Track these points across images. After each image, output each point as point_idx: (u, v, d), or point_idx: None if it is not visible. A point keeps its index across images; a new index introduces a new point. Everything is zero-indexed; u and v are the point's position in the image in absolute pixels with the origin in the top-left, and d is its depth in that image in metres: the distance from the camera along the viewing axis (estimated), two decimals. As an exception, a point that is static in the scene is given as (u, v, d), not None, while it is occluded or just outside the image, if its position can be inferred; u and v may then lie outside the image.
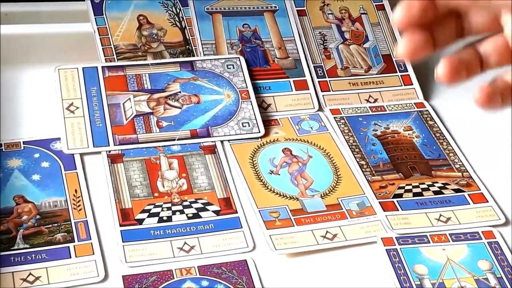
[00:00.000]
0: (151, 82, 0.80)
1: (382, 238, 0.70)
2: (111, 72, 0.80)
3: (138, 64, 0.81)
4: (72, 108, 0.77)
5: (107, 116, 0.77)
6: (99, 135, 0.76)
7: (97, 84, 0.79)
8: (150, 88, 0.80)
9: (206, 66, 0.82)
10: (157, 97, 0.79)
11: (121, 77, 0.80)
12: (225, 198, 0.73)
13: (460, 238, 0.71)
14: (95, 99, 0.78)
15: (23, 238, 0.68)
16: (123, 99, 0.79)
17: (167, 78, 0.81)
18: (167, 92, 0.80)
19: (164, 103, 0.79)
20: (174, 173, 0.75)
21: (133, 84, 0.80)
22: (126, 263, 0.66)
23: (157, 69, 0.81)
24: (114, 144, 0.76)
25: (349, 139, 0.80)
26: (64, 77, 0.79)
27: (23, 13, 0.87)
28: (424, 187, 0.75)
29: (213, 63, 0.82)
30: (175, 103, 0.79)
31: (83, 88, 0.79)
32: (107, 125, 0.77)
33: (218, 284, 0.66)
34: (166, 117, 0.78)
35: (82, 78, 0.79)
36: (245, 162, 0.76)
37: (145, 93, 0.79)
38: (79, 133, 0.76)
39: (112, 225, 0.69)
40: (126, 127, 0.77)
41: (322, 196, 0.74)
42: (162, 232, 0.69)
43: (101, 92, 0.79)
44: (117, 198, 0.71)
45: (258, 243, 0.69)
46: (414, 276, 0.67)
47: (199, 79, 0.81)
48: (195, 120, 0.78)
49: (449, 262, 0.69)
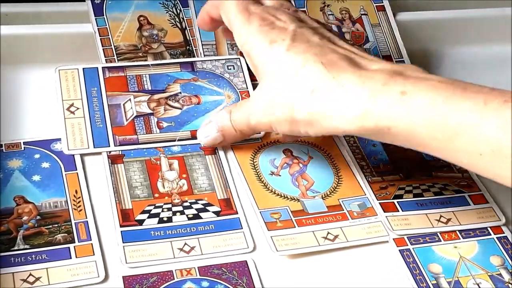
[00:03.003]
0: (151, 82, 0.80)
1: (394, 239, 0.70)
2: (111, 73, 0.80)
3: (139, 65, 0.81)
4: (72, 109, 0.77)
5: (107, 117, 0.77)
6: (100, 135, 0.76)
7: (98, 84, 0.79)
8: (151, 88, 0.80)
9: (207, 66, 0.82)
10: (157, 98, 0.79)
11: (122, 77, 0.80)
12: (226, 199, 0.73)
13: (470, 234, 0.71)
14: (95, 100, 0.78)
15: (23, 238, 0.68)
16: (124, 100, 0.78)
17: (167, 79, 0.81)
18: (168, 92, 0.80)
19: (165, 104, 0.79)
20: (175, 174, 0.75)
21: (133, 85, 0.79)
22: (127, 263, 0.66)
23: (157, 70, 0.81)
24: (115, 145, 0.75)
25: (349, 140, 0.80)
26: (64, 78, 0.79)
27: (23, 13, 0.87)
28: (424, 188, 0.75)
29: (213, 63, 0.82)
30: (176, 103, 0.79)
31: (84, 89, 0.78)
32: (107, 126, 0.76)
33: (219, 284, 0.66)
34: (166, 117, 0.78)
35: (82, 78, 0.79)
36: (246, 163, 0.76)
37: (146, 93, 0.79)
38: (80, 134, 0.76)
39: (112, 225, 0.69)
40: (126, 128, 0.77)
41: (323, 197, 0.74)
42: (162, 233, 0.69)
43: (102, 92, 0.78)
44: (117, 199, 0.71)
45: (259, 244, 0.69)
46: (430, 276, 0.67)
47: (200, 79, 0.81)
48: (196, 121, 0.78)
49: (462, 259, 0.69)
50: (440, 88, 0.61)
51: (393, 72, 0.64)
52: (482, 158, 0.59)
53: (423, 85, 0.62)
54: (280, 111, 0.69)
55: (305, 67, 0.67)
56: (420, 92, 0.62)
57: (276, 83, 0.69)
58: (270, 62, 0.69)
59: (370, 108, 0.63)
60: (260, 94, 0.71)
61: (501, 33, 0.93)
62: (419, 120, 0.61)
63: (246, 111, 0.73)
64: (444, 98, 0.60)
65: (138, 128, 0.77)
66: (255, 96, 0.72)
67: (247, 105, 0.73)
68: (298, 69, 0.67)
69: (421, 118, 0.61)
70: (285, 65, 0.68)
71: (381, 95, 0.63)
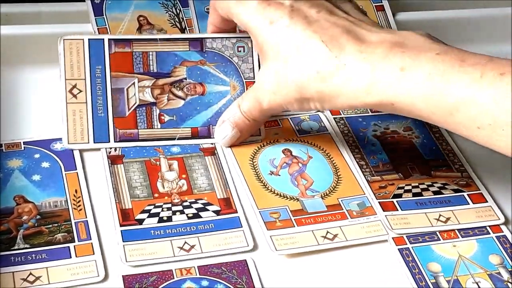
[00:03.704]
0: (157, 63, 0.78)
1: (393, 238, 0.70)
2: (117, 47, 0.78)
3: (146, 38, 0.79)
4: (75, 91, 0.76)
5: (109, 104, 0.76)
6: (100, 127, 0.76)
7: (102, 62, 0.77)
8: (156, 71, 0.78)
9: (216, 46, 0.79)
10: (162, 84, 0.78)
11: (128, 54, 0.78)
12: (225, 198, 0.73)
13: (469, 233, 0.71)
14: (99, 82, 0.77)
15: (23, 238, 0.68)
16: (127, 83, 0.77)
17: (174, 60, 0.79)
18: (173, 77, 0.78)
19: (169, 91, 0.78)
20: (174, 174, 0.75)
21: (139, 65, 0.78)
22: (127, 262, 0.66)
23: (165, 46, 0.79)
24: (115, 141, 0.75)
25: (348, 140, 0.80)
26: (69, 50, 0.77)
27: (23, 13, 0.87)
28: (423, 187, 0.75)
29: (223, 42, 0.79)
30: (180, 92, 0.78)
31: (88, 67, 0.77)
32: (108, 115, 0.76)
33: (218, 284, 0.66)
34: (168, 109, 0.77)
35: (87, 53, 0.77)
36: (245, 163, 0.76)
37: (151, 77, 0.78)
38: (81, 123, 0.75)
39: (112, 225, 0.69)
40: (127, 120, 0.76)
41: (323, 196, 0.74)
42: (162, 232, 0.69)
43: (106, 72, 0.77)
44: (117, 199, 0.72)
45: (259, 243, 0.69)
46: (429, 275, 0.67)
47: (207, 63, 0.79)
48: (198, 116, 0.78)
49: (461, 258, 0.69)
50: (438, 62, 0.63)
51: (393, 44, 0.66)
52: (480, 131, 0.62)
53: (421, 59, 0.64)
54: (288, 90, 0.70)
55: (307, 46, 0.68)
56: (419, 67, 0.64)
57: (281, 62, 0.70)
58: (272, 42, 0.70)
59: (373, 84, 0.66)
60: (266, 74, 0.72)
61: (501, 33, 0.93)
62: (418, 96, 0.64)
63: (255, 97, 0.73)
64: (442, 73, 0.62)
65: (139, 120, 0.77)
66: (261, 78, 0.73)
67: (255, 91, 0.74)
68: (300, 48, 0.69)
69: (420, 95, 0.64)
70: (287, 44, 0.69)
71: (382, 70, 0.65)
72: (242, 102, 0.75)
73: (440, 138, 0.81)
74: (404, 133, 0.81)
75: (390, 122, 0.82)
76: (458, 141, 0.81)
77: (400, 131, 0.81)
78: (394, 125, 0.82)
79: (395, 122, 0.82)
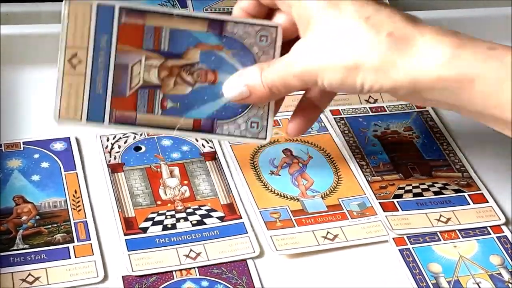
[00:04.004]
0: (170, 42, 0.68)
1: (394, 238, 0.70)
2: (128, 18, 0.67)
3: (161, 12, 0.68)
4: (74, 61, 0.67)
5: (110, 80, 0.68)
6: (96, 104, 0.68)
7: (109, 31, 0.67)
8: (167, 50, 0.68)
9: (237, 32, 0.69)
10: (170, 65, 0.69)
11: (139, 28, 0.68)
12: (229, 204, 0.72)
13: (470, 234, 0.71)
14: (102, 54, 0.68)
15: (22, 238, 0.68)
16: (134, 60, 0.68)
17: (189, 40, 0.69)
18: (185, 60, 0.69)
19: (177, 75, 0.69)
20: (176, 181, 0.74)
21: (149, 41, 0.68)
22: (133, 272, 0.66)
23: (181, 24, 0.68)
24: (109, 122, 0.68)
25: (349, 140, 0.80)
26: (74, 15, 0.67)
27: (23, 13, 0.87)
28: (424, 187, 0.75)
29: (246, 29, 0.70)
30: (188, 77, 0.69)
31: (92, 34, 0.67)
32: (107, 94, 0.68)
33: (218, 284, 0.65)
34: (173, 95, 0.69)
35: (94, 19, 0.67)
36: (246, 163, 0.76)
37: (160, 56, 0.69)
38: (76, 98, 0.67)
39: (113, 225, 0.69)
40: (127, 101, 0.69)
41: (323, 196, 0.74)
42: (167, 240, 0.69)
43: (112, 44, 0.67)
44: (120, 208, 0.71)
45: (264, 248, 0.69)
46: (430, 275, 0.67)
47: (225, 49, 0.70)
48: (203, 107, 0.70)
49: (461, 259, 0.69)
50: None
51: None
52: None
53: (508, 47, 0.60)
54: (338, 54, 0.62)
55: (378, 13, 0.62)
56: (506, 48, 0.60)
57: (335, 27, 0.62)
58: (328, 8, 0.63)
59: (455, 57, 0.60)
60: (309, 40, 0.64)
61: (501, 33, 0.93)
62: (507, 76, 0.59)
63: (285, 63, 0.66)
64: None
65: (139, 103, 0.69)
66: (299, 46, 0.65)
67: (286, 58, 0.66)
68: (370, 15, 0.62)
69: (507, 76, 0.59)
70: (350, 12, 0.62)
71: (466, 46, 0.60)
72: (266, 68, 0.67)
73: (440, 138, 0.81)
74: (404, 133, 0.81)
75: (391, 122, 0.82)
76: (459, 141, 0.81)
77: (401, 131, 0.81)
78: (394, 125, 0.82)
79: (395, 122, 0.82)
